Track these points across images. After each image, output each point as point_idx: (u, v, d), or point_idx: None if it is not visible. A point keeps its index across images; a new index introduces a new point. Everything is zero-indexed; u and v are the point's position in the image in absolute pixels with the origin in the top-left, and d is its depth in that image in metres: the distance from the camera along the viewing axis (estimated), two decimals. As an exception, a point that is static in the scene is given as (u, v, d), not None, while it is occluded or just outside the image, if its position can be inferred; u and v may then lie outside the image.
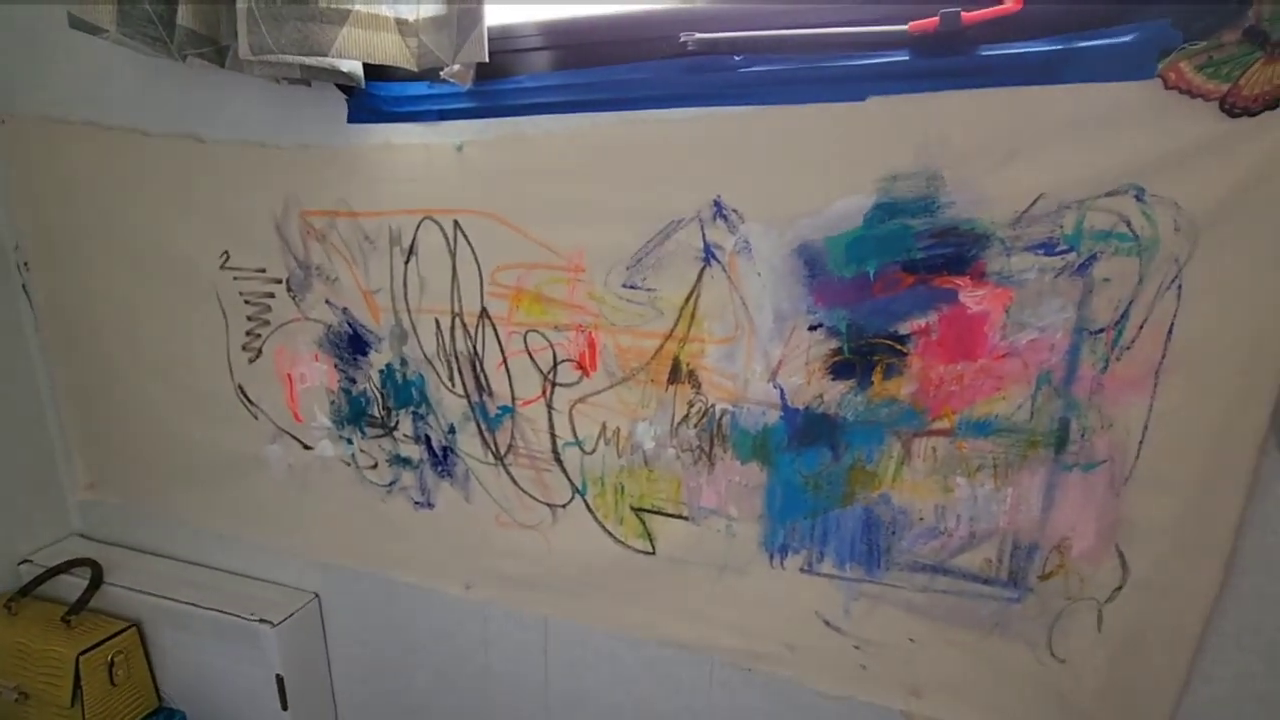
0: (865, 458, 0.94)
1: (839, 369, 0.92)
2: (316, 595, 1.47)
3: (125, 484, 1.55)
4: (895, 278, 0.86)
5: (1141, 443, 0.81)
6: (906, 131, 0.81)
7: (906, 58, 0.80)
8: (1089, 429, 0.83)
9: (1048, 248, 0.80)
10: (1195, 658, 0.87)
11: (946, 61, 0.78)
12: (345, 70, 0.99)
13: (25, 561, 1.56)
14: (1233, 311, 0.75)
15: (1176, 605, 0.85)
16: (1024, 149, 0.78)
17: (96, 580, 1.49)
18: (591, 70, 0.94)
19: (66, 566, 1.51)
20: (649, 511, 1.09)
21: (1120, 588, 0.87)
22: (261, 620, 1.37)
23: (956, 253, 0.83)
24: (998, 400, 0.86)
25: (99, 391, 1.48)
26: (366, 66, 1.02)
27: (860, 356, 0.91)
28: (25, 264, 1.44)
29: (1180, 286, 0.76)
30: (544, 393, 1.09)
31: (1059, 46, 0.75)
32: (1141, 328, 0.79)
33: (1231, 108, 0.70)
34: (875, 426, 0.92)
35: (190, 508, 1.48)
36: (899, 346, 0.89)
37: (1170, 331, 0.78)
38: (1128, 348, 0.80)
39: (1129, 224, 0.76)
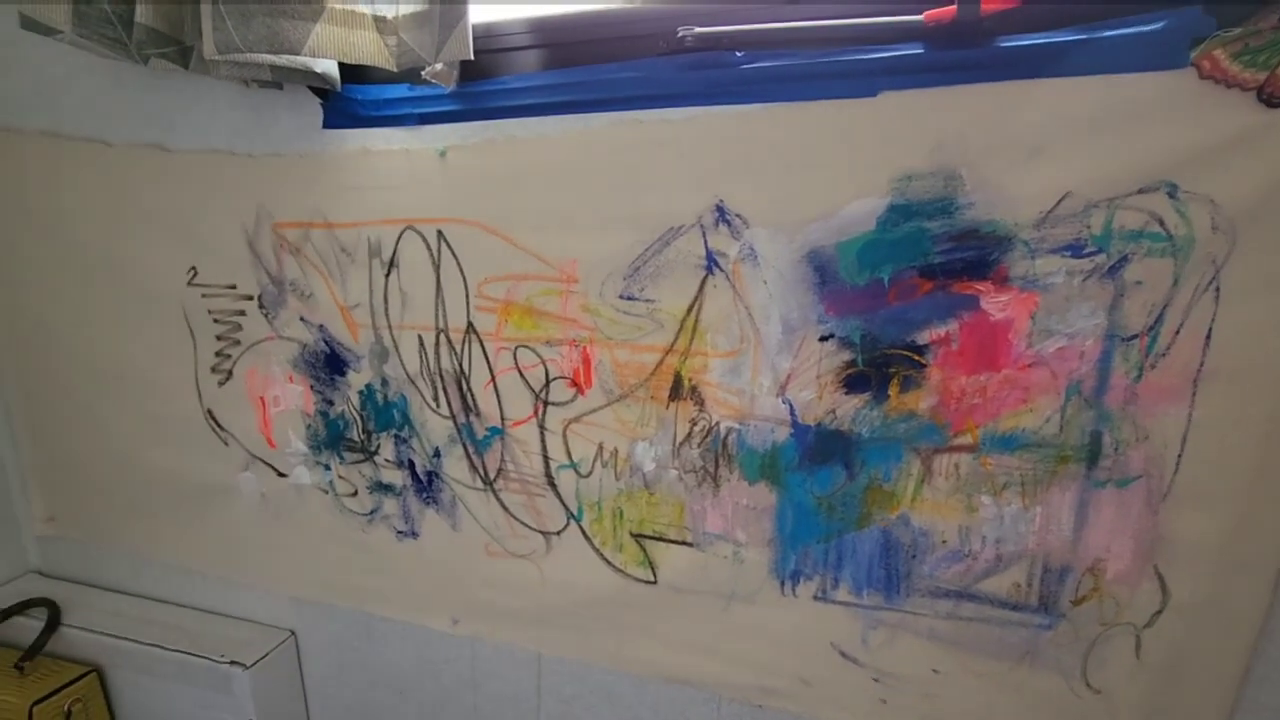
0: (882, 476, 0.88)
1: (853, 382, 0.86)
2: (292, 633, 1.38)
3: (86, 517, 1.44)
4: (912, 284, 0.81)
5: (1180, 456, 0.76)
6: (922, 128, 0.77)
7: (921, 50, 0.75)
8: (1123, 442, 0.78)
9: (1075, 249, 0.75)
10: (1242, 685, 0.81)
11: (964, 54, 0.74)
12: (319, 71, 0.93)
13: (-24, 603, 1.45)
14: (1275, 314, 0.70)
15: (1221, 629, 0.80)
16: (1048, 145, 0.73)
17: (53, 621, 1.38)
18: (583, 69, 0.89)
19: (21, 608, 1.41)
20: (650, 538, 1.02)
21: (1160, 612, 0.81)
22: (233, 663, 1.28)
23: (977, 256, 0.78)
24: (1024, 413, 0.81)
25: (57, 419, 1.38)
26: (343, 68, 0.96)
27: (875, 369, 0.85)
28: (-23, 284, 1.35)
29: (1218, 288, 0.71)
30: (535, 412, 1.03)
31: (1084, 36, 0.70)
32: (1177, 333, 0.74)
33: (1270, 98, 0.66)
34: (893, 443, 0.86)
35: (156, 542, 1.39)
36: (917, 357, 0.83)
37: (1209, 336, 0.73)
38: (1163, 354, 0.75)
39: (1162, 223, 0.72)
